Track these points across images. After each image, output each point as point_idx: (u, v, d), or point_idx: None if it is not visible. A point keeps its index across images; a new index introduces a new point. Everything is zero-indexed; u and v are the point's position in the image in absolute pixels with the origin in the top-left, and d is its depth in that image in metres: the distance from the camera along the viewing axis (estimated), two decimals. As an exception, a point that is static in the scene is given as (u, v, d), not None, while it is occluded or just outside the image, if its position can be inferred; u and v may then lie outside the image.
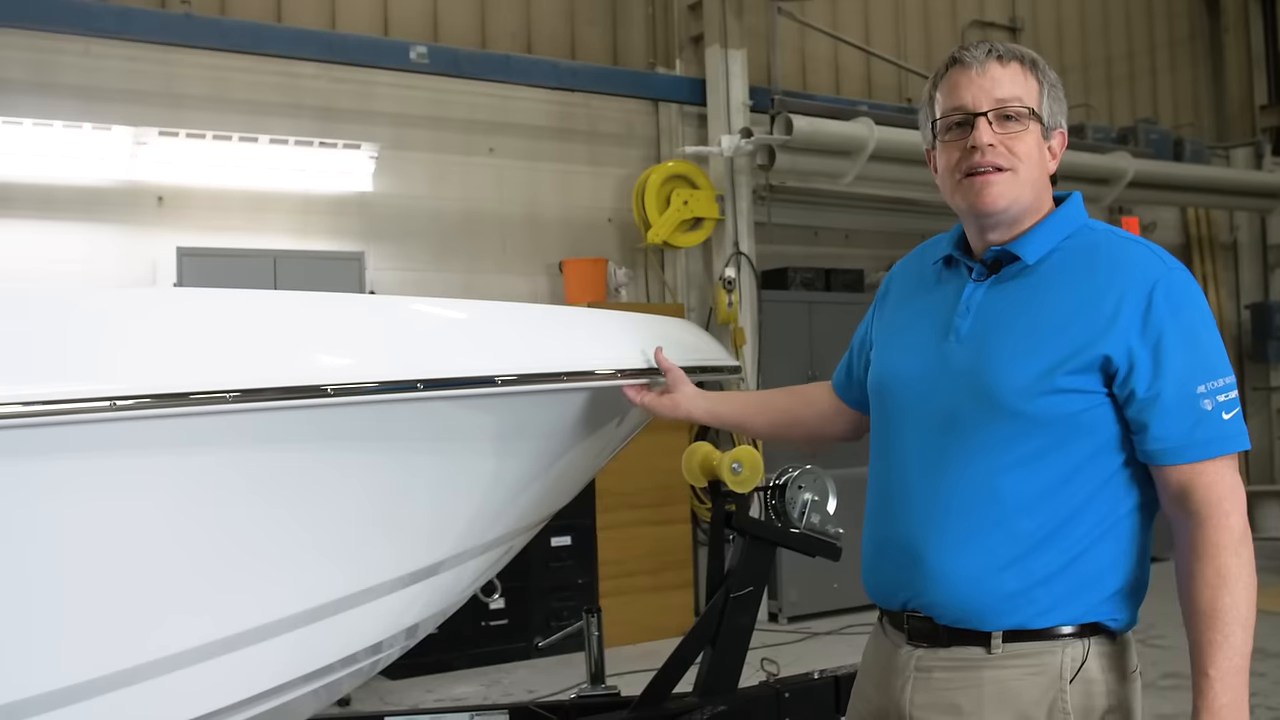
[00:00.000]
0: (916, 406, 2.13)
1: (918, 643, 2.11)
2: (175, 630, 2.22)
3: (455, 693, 6.68)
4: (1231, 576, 1.91)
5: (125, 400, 1.91)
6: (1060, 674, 2.00)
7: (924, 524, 2.08)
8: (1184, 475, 1.96)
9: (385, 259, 7.85)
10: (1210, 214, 12.74)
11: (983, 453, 2.03)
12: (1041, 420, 1.99)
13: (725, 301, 8.34)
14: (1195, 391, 1.95)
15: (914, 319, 2.22)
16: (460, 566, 2.82)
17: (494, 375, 2.36)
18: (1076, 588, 2.01)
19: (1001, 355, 2.03)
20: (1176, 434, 1.95)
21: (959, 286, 2.15)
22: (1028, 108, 2.07)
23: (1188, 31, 13.23)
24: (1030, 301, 2.05)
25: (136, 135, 6.91)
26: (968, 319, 2.10)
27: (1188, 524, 1.96)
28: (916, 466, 2.12)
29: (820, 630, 8.03)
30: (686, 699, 3.44)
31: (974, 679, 2.04)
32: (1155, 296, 1.96)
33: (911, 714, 2.09)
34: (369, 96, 7.83)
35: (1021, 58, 2.09)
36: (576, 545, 7.54)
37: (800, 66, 9.91)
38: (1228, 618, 1.90)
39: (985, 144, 2.05)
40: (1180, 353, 1.95)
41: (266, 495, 2.23)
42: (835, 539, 3.56)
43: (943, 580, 2.05)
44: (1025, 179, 2.08)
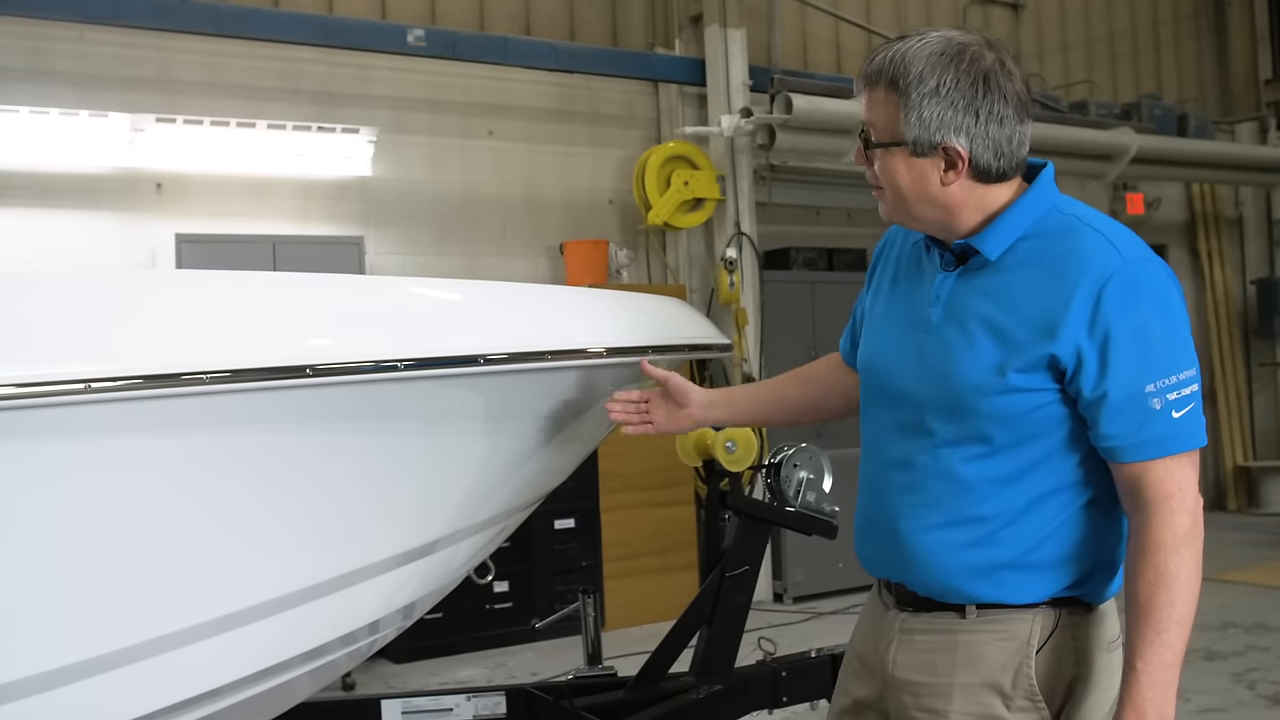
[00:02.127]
0: (892, 392, 2.18)
1: (903, 607, 2.19)
2: (169, 610, 2.23)
3: (459, 675, 6.70)
4: (1170, 574, 1.92)
5: (112, 381, 1.91)
6: (1028, 641, 2.05)
7: (898, 506, 2.14)
8: (1134, 471, 1.97)
9: (385, 243, 7.85)
10: (1215, 189, 12.70)
11: (947, 444, 2.07)
12: (998, 417, 2.01)
13: (727, 282, 8.33)
14: (1143, 390, 1.94)
15: (897, 303, 2.24)
16: (453, 546, 2.82)
17: (479, 354, 2.35)
18: (1044, 570, 2.05)
19: (960, 350, 2.05)
20: (1124, 433, 1.95)
21: (933, 274, 2.15)
22: (880, 140, 2.05)
23: (1191, 6, 13.16)
24: (990, 296, 2.05)
25: (133, 122, 6.90)
26: (937, 308, 2.11)
27: (1135, 519, 1.98)
28: (891, 449, 2.17)
29: (825, 610, 8.04)
30: (683, 678, 3.44)
31: (949, 642, 2.11)
32: (1105, 293, 1.93)
33: (894, 672, 2.17)
34: (367, 80, 7.82)
35: (884, 78, 2.03)
36: (580, 527, 7.55)
37: (800, 45, 9.87)
38: (1161, 614, 1.92)
39: (856, 163, 2.14)
40: (1128, 351, 1.93)
41: (256, 476, 2.24)
42: (831, 517, 3.56)
43: (916, 560, 2.12)
44: (896, 200, 2.08)
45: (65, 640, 2.12)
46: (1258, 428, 12.71)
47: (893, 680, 2.18)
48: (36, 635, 2.09)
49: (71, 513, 2.05)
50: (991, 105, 2.00)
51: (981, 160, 2.01)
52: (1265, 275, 12.83)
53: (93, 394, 1.89)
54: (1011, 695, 2.05)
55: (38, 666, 2.09)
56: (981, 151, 2.01)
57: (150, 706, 2.28)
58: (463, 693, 3.46)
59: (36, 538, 2.04)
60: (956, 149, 2.00)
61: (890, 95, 2.02)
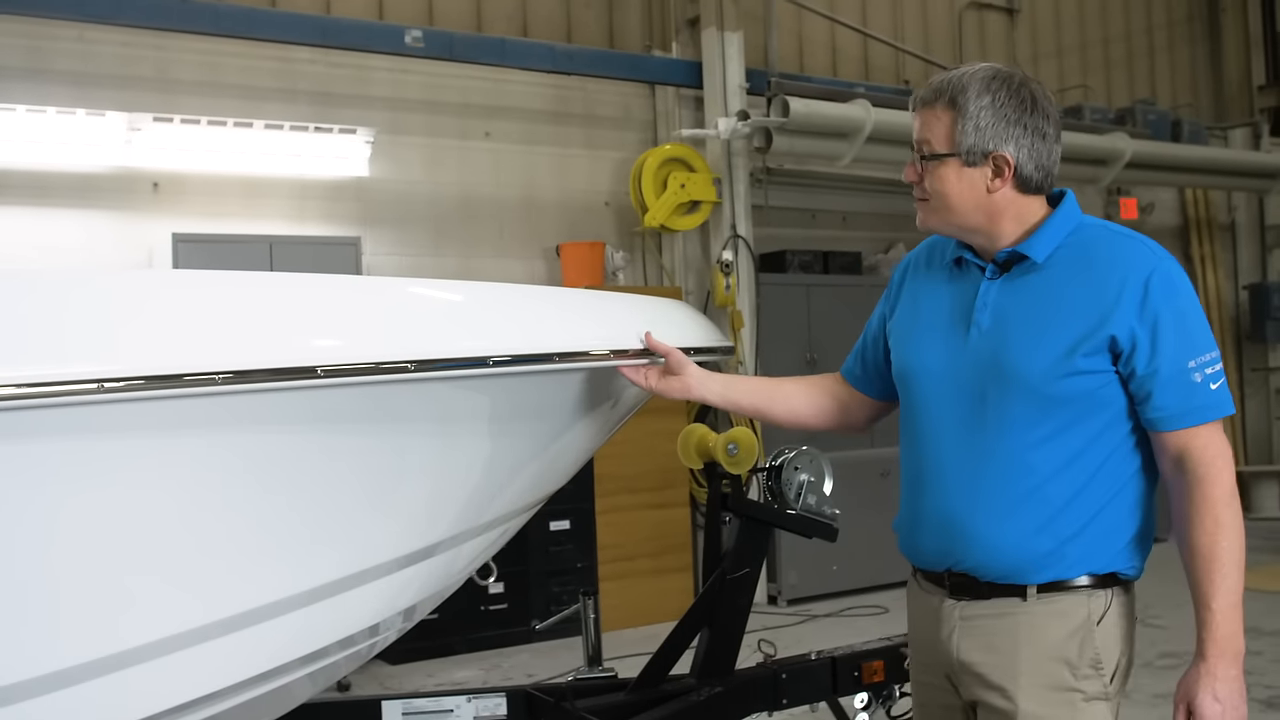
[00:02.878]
0: (946, 394, 2.40)
1: (959, 596, 2.40)
2: (170, 613, 2.21)
3: (455, 677, 6.70)
4: (1227, 524, 2.22)
5: (116, 382, 1.90)
6: (1089, 618, 2.31)
7: (965, 498, 2.36)
8: (1181, 439, 2.25)
9: (382, 244, 7.84)
10: (1208, 194, 12.73)
11: (1013, 431, 2.30)
12: (1062, 399, 2.26)
13: (723, 284, 8.33)
14: (1187, 366, 2.23)
15: (935, 314, 2.47)
16: (456, 548, 2.81)
17: (487, 356, 2.35)
18: (1097, 540, 2.31)
19: (1023, 343, 2.29)
20: (1173, 403, 2.24)
21: (974, 284, 2.41)
22: (934, 150, 2.35)
23: (1185, 12, 13.20)
24: (1042, 295, 2.31)
25: (131, 121, 6.89)
26: (986, 313, 2.36)
27: (1185, 481, 2.25)
28: (951, 447, 2.39)
29: (819, 613, 8.05)
30: (684, 680, 3.44)
31: (1012, 624, 2.34)
32: (1151, 284, 2.23)
33: (959, 657, 2.40)
34: (364, 81, 7.81)
35: (940, 95, 2.34)
36: (576, 529, 7.55)
37: (797, 49, 9.88)
38: (1225, 559, 2.21)
39: (906, 179, 2.43)
40: (1173, 333, 2.23)
41: (260, 477, 2.22)
42: (832, 520, 3.56)
43: (986, 546, 2.34)
44: (943, 207, 2.37)
45: (66, 643, 2.10)
46: (1249, 432, 12.75)
47: (959, 665, 2.40)
48: (37, 639, 2.07)
49: (73, 514, 2.03)
50: (1037, 121, 2.32)
51: (1025, 170, 2.32)
52: (1258, 280, 12.87)
53: (102, 394, 1.88)
54: (1078, 665, 2.30)
55: (37, 670, 2.07)
56: (1025, 161, 2.31)
57: (150, 710, 2.26)
58: (463, 694, 3.45)
59: (38, 539, 2.02)
60: (1005, 157, 2.30)
61: (947, 111, 2.32)
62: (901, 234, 10.15)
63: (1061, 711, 2.30)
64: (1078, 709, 2.30)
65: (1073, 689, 2.31)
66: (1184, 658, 2.16)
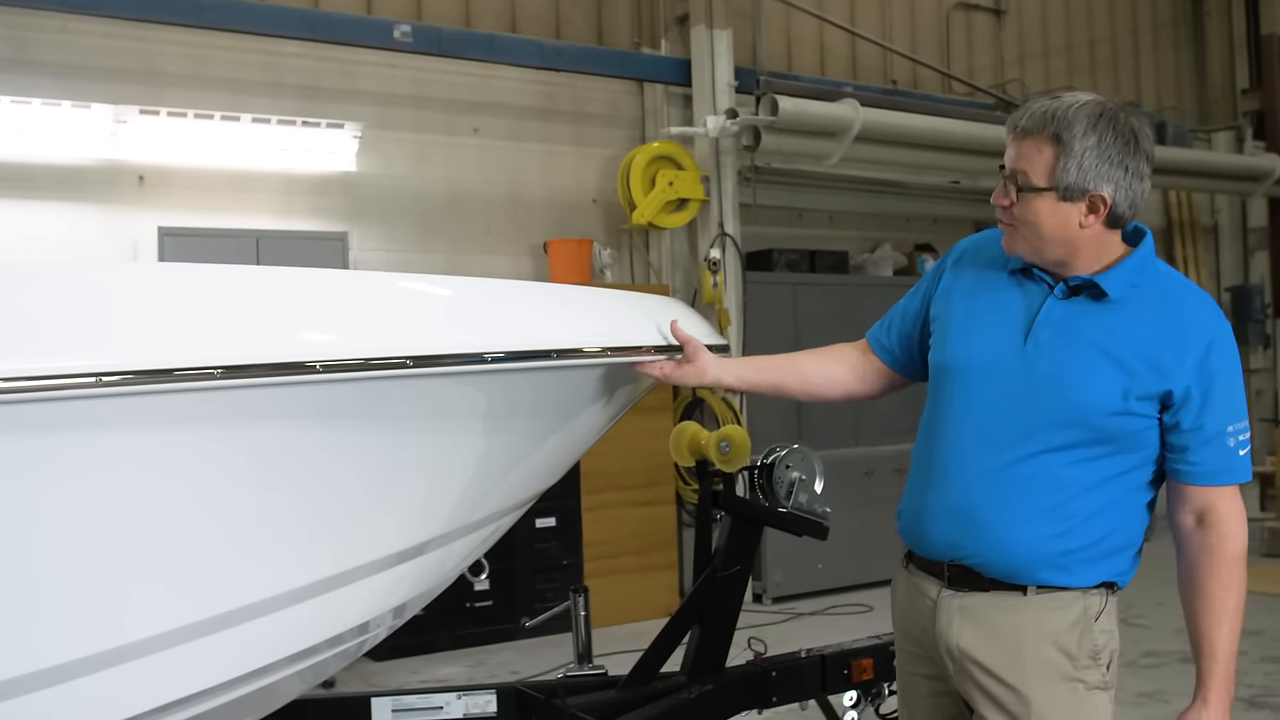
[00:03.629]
0: (990, 395, 2.44)
1: (959, 587, 2.47)
2: (161, 610, 2.20)
3: (440, 674, 6.68)
4: (1238, 582, 2.38)
5: (114, 375, 1.89)
6: (1085, 614, 2.41)
7: (988, 496, 2.41)
8: (1209, 496, 2.38)
9: (369, 239, 7.82)
10: (1192, 197, 12.79)
11: (1054, 449, 2.37)
12: (1109, 433, 2.36)
13: (710, 283, 8.33)
14: (1225, 430, 2.36)
15: (990, 316, 2.49)
16: (448, 546, 2.81)
17: (484, 353, 2.34)
18: (1103, 557, 2.42)
19: (1085, 374, 2.36)
20: (1208, 460, 2.36)
21: (1038, 297, 2.45)
22: (1031, 184, 2.34)
23: (1170, 15, 13.26)
24: (1110, 328, 2.37)
25: (116, 113, 6.84)
26: (1047, 329, 2.41)
27: (1204, 537, 2.39)
28: (982, 445, 2.43)
29: (804, 611, 8.06)
30: (674, 678, 3.44)
31: (1014, 616, 2.42)
32: (1214, 347, 2.35)
33: (960, 646, 2.46)
34: (352, 75, 7.78)
35: (1046, 127, 2.32)
36: (561, 526, 7.54)
37: (785, 48, 9.89)
38: (1233, 615, 2.36)
39: (994, 203, 2.41)
40: (1222, 397, 2.35)
41: (253, 473, 2.21)
42: (822, 518, 3.57)
43: (1000, 546, 2.41)
44: (1032, 238, 2.38)
45: (56, 639, 2.09)
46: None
47: (958, 654, 2.47)
48: (27, 634, 2.06)
49: (69, 509, 2.01)
50: (1138, 162, 2.35)
51: (1119, 209, 2.35)
52: (1239, 283, 12.95)
53: (100, 388, 1.87)
54: (1077, 656, 2.40)
55: (27, 666, 2.06)
56: (1121, 201, 2.34)
57: (140, 708, 2.24)
58: (453, 690, 3.45)
59: (32, 534, 2.00)
60: (1104, 197, 2.32)
61: (1050, 146, 2.32)
62: (888, 233, 10.17)
63: (1068, 702, 2.40)
64: (1081, 698, 2.41)
65: (1075, 679, 2.40)
66: (1165, 657, 2.21)
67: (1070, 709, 2.40)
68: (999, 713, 2.42)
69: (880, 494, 8.64)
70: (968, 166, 9.63)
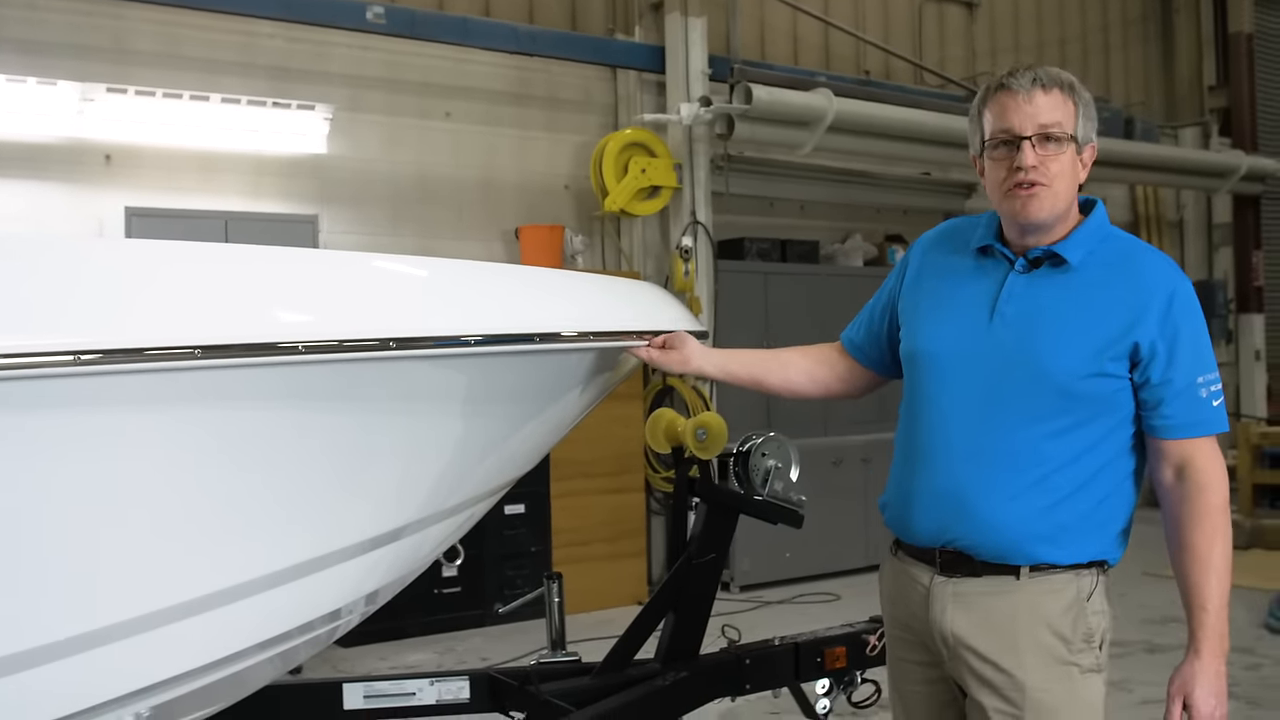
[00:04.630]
0: (962, 376, 2.46)
1: (951, 573, 2.48)
2: (129, 595, 2.16)
3: (409, 660, 6.66)
4: (1222, 531, 2.39)
5: (82, 355, 1.85)
6: (1078, 595, 2.43)
7: (972, 478, 2.43)
8: (1185, 449, 2.39)
9: (339, 222, 7.75)
10: (1158, 192, 12.90)
11: (1031, 421, 2.39)
12: (1082, 397, 2.37)
13: (682, 270, 8.33)
14: (1196, 381, 2.37)
15: (955, 299, 2.53)
16: (423, 532, 2.78)
17: (463, 335, 2.32)
18: (1092, 531, 2.44)
19: (1054, 341, 2.38)
20: (1181, 414, 2.38)
21: (1000, 274, 2.49)
22: (1067, 133, 2.38)
23: (1140, 12, 13.35)
24: (1075, 296, 2.41)
25: (83, 91, 6.75)
26: (1012, 304, 2.44)
27: (1185, 489, 2.40)
28: (961, 428, 2.45)
29: (772, 599, 8.09)
30: (648, 665, 3.43)
31: (1008, 600, 2.44)
32: (1174, 300, 2.37)
33: (953, 632, 2.47)
34: (324, 57, 7.71)
35: (1061, 84, 2.40)
36: (530, 513, 7.52)
37: (759, 36, 9.88)
38: (1220, 564, 2.37)
39: (1029, 165, 2.37)
40: (1188, 348, 2.37)
41: (226, 455, 2.17)
42: (798, 506, 3.56)
43: (988, 526, 2.42)
44: (1060, 192, 2.40)
45: (24, 623, 2.04)
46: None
47: (952, 640, 2.48)
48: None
49: (40, 489, 1.96)
50: None
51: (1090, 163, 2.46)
52: (1204, 278, 13.06)
53: (76, 366, 1.83)
54: (1072, 639, 2.42)
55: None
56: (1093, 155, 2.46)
57: (107, 695, 2.21)
58: (425, 677, 3.42)
59: (3, 514, 1.96)
60: (1094, 147, 2.45)
61: (1069, 99, 2.40)
62: (859, 224, 10.19)
63: (1063, 685, 2.42)
64: (1075, 681, 2.42)
65: (1070, 662, 2.42)
66: (1129, 646, 2.19)
67: (1065, 692, 2.41)
68: (994, 697, 2.43)
69: (848, 483, 8.68)
70: (939, 158, 9.67)
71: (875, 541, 8.63)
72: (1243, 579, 7.53)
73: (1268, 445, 10.46)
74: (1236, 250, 13.16)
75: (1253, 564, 8.65)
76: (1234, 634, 2.55)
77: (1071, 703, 2.42)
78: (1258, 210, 13.07)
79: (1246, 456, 10.30)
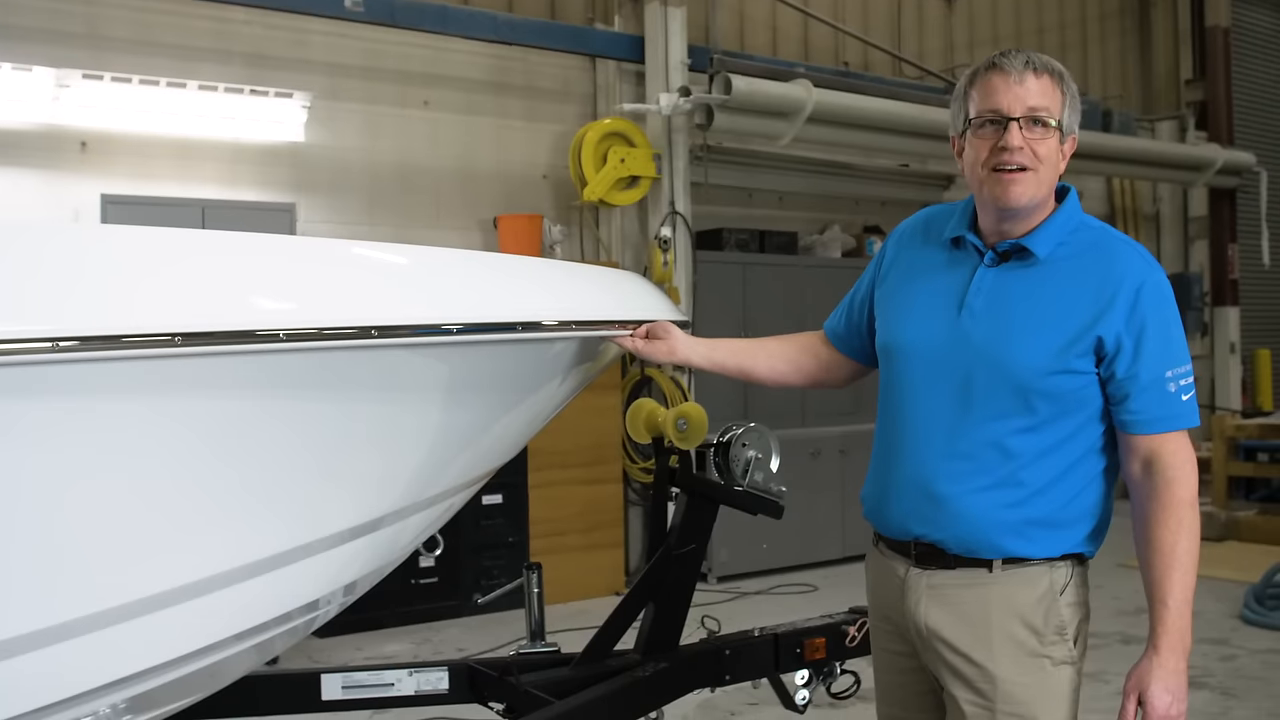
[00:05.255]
0: (932, 370, 2.45)
1: (926, 565, 2.48)
2: (104, 586, 2.14)
3: (385, 650, 6.64)
4: (1189, 525, 2.34)
5: (60, 342, 1.82)
6: (1051, 588, 2.42)
7: (943, 472, 2.43)
8: (1153, 444, 2.36)
9: (316, 211, 7.71)
10: (1135, 185, 12.96)
11: (998, 417, 2.38)
12: (1049, 394, 2.35)
13: (660, 261, 8.32)
14: (1165, 375, 2.34)
15: (926, 291, 2.52)
16: (402, 522, 2.77)
17: (445, 324, 2.30)
18: (1066, 527, 2.42)
19: (1019, 336, 2.36)
20: (1148, 408, 2.35)
21: (970, 267, 2.47)
22: (1054, 117, 2.36)
23: (1117, 5, 13.40)
24: (1042, 291, 2.38)
25: (59, 77, 6.68)
26: (980, 298, 2.42)
27: (1152, 483, 2.36)
28: (933, 422, 2.44)
29: (749, 590, 8.10)
30: (628, 656, 3.42)
31: (981, 593, 2.43)
32: (1142, 293, 2.33)
33: (927, 624, 2.48)
34: (302, 44, 7.65)
35: (1052, 71, 2.38)
36: (507, 504, 7.52)
37: (738, 27, 9.87)
38: (1184, 559, 2.32)
39: (1015, 146, 2.33)
40: (1156, 342, 2.33)
41: (205, 444, 2.15)
42: (778, 497, 3.56)
43: (959, 519, 2.42)
44: (1043, 178, 2.37)
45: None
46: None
47: (927, 632, 2.48)
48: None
49: (14, 478, 1.94)
50: None
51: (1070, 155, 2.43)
52: (1180, 271, 13.13)
53: (52, 354, 1.81)
54: (1044, 631, 2.40)
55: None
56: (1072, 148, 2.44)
57: (81, 686, 2.18)
58: (404, 668, 3.40)
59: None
60: (1075, 139, 2.42)
61: (1057, 86, 2.38)
62: (837, 215, 10.20)
63: (1034, 677, 2.41)
64: (1047, 673, 2.41)
65: (1041, 654, 2.41)
66: (1106, 638, 2.19)
67: (1036, 684, 2.40)
68: (966, 690, 2.44)
69: (826, 475, 8.70)
70: (917, 150, 9.69)
71: (853, 533, 8.66)
72: (1218, 571, 7.63)
73: (1242, 438, 10.54)
74: (1212, 243, 13.24)
75: (1227, 556, 8.72)
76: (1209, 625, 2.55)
77: (1043, 695, 2.40)
78: (1233, 203, 13.16)
79: (1221, 449, 10.37)
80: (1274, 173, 13.26)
